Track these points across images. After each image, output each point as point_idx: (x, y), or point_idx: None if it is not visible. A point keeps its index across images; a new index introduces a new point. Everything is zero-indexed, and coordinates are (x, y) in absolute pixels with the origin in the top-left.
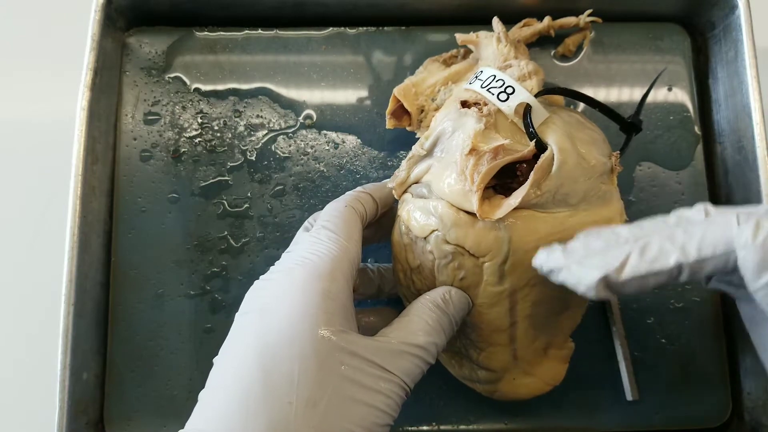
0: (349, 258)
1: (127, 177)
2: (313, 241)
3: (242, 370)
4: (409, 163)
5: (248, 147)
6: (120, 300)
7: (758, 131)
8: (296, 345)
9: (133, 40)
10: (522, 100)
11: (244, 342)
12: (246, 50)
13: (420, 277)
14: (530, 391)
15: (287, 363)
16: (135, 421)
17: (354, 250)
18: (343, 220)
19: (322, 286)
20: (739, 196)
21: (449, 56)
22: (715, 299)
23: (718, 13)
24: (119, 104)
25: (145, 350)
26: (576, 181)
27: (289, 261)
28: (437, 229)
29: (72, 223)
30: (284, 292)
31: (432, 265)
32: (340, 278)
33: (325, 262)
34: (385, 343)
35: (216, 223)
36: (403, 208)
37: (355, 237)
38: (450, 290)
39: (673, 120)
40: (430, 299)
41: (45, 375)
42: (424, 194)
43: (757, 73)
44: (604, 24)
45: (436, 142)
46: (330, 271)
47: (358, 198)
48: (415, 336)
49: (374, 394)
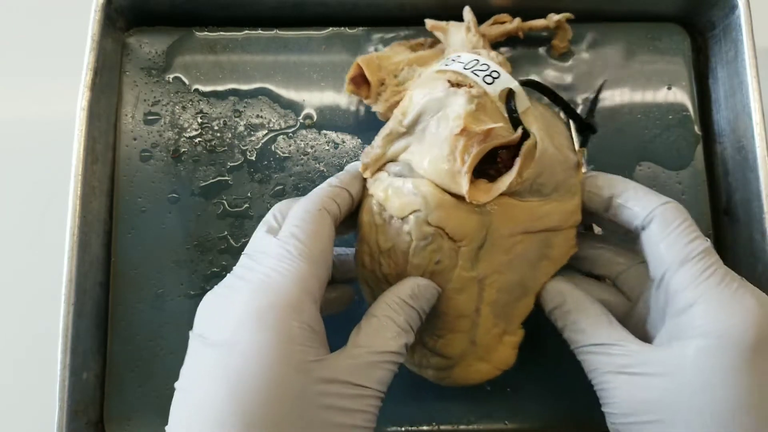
0: (318, 276)
1: (127, 177)
2: (281, 255)
3: (218, 412)
4: (386, 140)
5: (248, 147)
6: (120, 300)
7: (758, 131)
8: (273, 386)
9: (133, 40)
10: (507, 85)
11: (213, 378)
12: (246, 50)
13: (389, 260)
14: (482, 376)
15: (266, 406)
16: (135, 421)
17: (324, 266)
18: (315, 226)
19: (292, 317)
20: (739, 196)
21: (416, 43)
22: None
23: (718, 13)
24: (119, 104)
25: (145, 350)
26: (553, 172)
27: (255, 277)
28: (419, 210)
29: (72, 223)
30: (253, 323)
31: (406, 247)
32: (308, 302)
33: (294, 286)
34: (358, 357)
35: (216, 223)
36: (377, 186)
37: (326, 248)
38: (418, 283)
39: (673, 120)
40: (398, 295)
41: (45, 375)
42: (404, 173)
43: (757, 73)
44: (603, 24)
45: (417, 119)
46: (299, 297)
47: (334, 197)
48: (386, 342)
49: (354, 414)
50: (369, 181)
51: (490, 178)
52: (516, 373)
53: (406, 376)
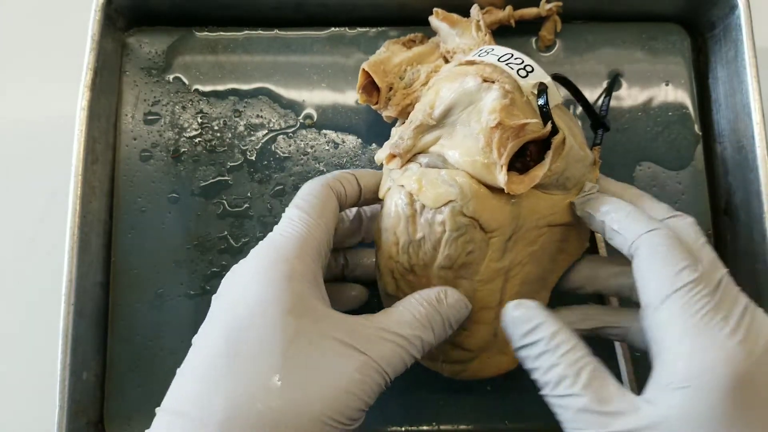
0: (316, 237)
1: (127, 177)
2: (285, 222)
3: (210, 350)
4: (416, 132)
5: (248, 147)
6: (120, 300)
7: (758, 131)
8: (261, 327)
9: (133, 40)
10: (540, 80)
11: (214, 325)
12: (246, 50)
13: (419, 251)
14: (499, 369)
15: (252, 345)
16: (135, 421)
17: (323, 228)
18: (318, 198)
19: (287, 267)
20: (739, 196)
21: (407, 40)
22: None
23: (718, 13)
24: (119, 104)
25: (145, 350)
26: (576, 167)
27: (262, 243)
28: (454, 200)
29: (72, 223)
30: (252, 275)
31: (439, 238)
32: (306, 258)
33: (291, 243)
34: (361, 325)
35: (216, 223)
36: (408, 177)
37: (327, 215)
38: (446, 290)
39: (673, 120)
40: (423, 296)
41: (45, 375)
42: (437, 164)
43: (757, 73)
44: (603, 24)
45: (447, 112)
46: (296, 251)
47: (339, 178)
48: (398, 325)
49: (346, 377)
50: (395, 172)
51: (518, 171)
52: (516, 373)
53: (405, 376)
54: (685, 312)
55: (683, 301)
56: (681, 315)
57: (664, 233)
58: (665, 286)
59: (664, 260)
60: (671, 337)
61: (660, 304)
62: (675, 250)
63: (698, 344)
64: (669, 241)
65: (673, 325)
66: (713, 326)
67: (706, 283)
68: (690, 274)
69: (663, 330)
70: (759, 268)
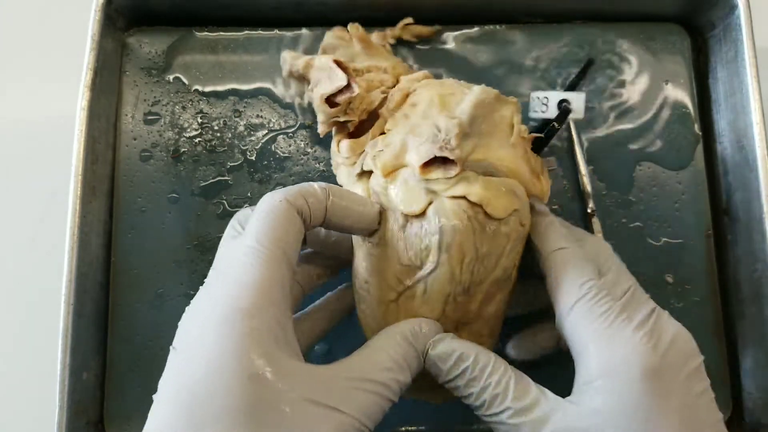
0: (277, 277)
1: (127, 177)
2: (236, 259)
3: (170, 418)
4: (459, 139)
5: (248, 147)
6: (120, 300)
7: (758, 131)
8: (221, 395)
9: (133, 40)
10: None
11: (173, 386)
12: (246, 50)
13: (480, 267)
14: None
15: (214, 414)
16: (135, 421)
17: (286, 262)
18: (277, 221)
19: (247, 322)
20: (739, 196)
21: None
22: (715, 299)
23: (718, 13)
24: (119, 104)
25: (145, 350)
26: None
27: (212, 287)
28: (518, 209)
29: (72, 223)
30: (209, 328)
31: (501, 251)
32: (269, 307)
33: (249, 292)
34: (334, 377)
35: (216, 223)
36: (469, 186)
37: (289, 241)
38: (421, 323)
39: (673, 120)
40: (398, 332)
41: (45, 375)
42: (492, 172)
43: (757, 73)
44: (603, 24)
45: (472, 120)
46: (256, 300)
47: (303, 192)
48: (375, 370)
49: None
50: (436, 183)
51: None
52: None
53: None
54: (590, 315)
55: (587, 307)
56: (587, 319)
57: (570, 251)
58: (572, 296)
59: (570, 274)
60: (582, 340)
61: (568, 313)
62: (579, 265)
63: (606, 343)
64: (574, 259)
65: (582, 328)
66: (618, 326)
67: (608, 290)
68: (592, 284)
69: (575, 335)
70: (759, 268)
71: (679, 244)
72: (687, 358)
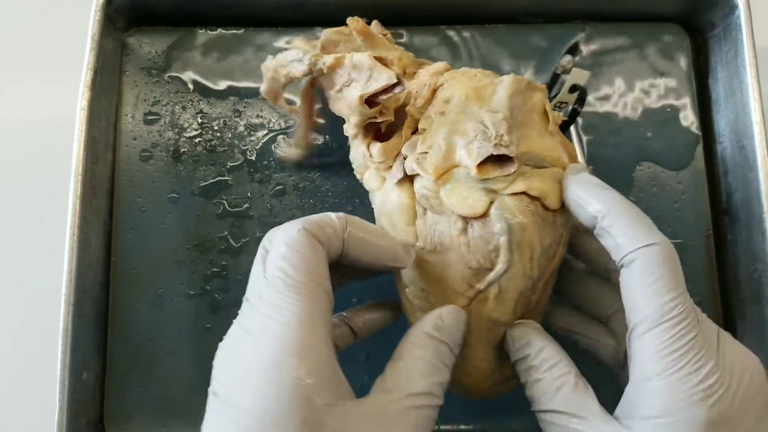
0: (320, 311)
1: (127, 177)
2: (272, 297)
3: None
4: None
5: (248, 147)
6: (120, 300)
7: (758, 131)
8: None
9: (133, 40)
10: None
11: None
12: (246, 50)
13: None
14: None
15: None
16: (135, 421)
17: (323, 296)
18: (301, 251)
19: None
20: (739, 196)
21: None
22: (715, 299)
23: (718, 13)
24: (119, 104)
25: (145, 350)
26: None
27: (255, 327)
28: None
29: (72, 223)
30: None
31: (558, 240)
32: (314, 345)
33: (294, 332)
34: (382, 406)
35: (216, 223)
36: (530, 180)
37: (322, 276)
38: (440, 315)
39: (673, 120)
40: (422, 332)
41: (45, 375)
42: (540, 162)
43: (757, 73)
44: (603, 24)
45: (511, 110)
46: (300, 341)
47: (319, 222)
48: (415, 382)
49: None
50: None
51: None
52: None
53: None
54: (670, 347)
55: (670, 335)
56: (665, 348)
57: (665, 251)
58: (659, 312)
59: (663, 282)
60: (651, 368)
61: (649, 328)
62: (674, 270)
63: (677, 381)
64: (670, 260)
65: (660, 357)
66: (693, 364)
67: (692, 316)
68: (682, 302)
69: (647, 358)
70: (759, 268)
71: (679, 244)
72: (755, 396)
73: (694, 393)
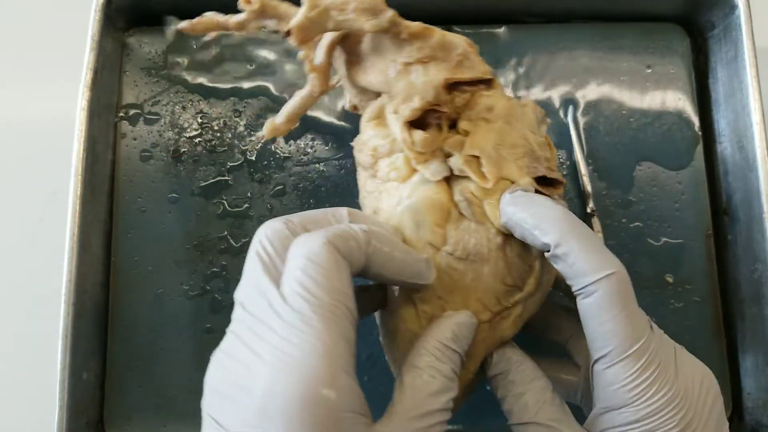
0: (347, 337)
1: (127, 177)
2: (294, 319)
3: None
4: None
5: (248, 147)
6: (120, 300)
7: (758, 131)
8: None
9: (133, 40)
10: None
11: None
12: (246, 50)
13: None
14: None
15: None
16: (135, 421)
17: (350, 319)
18: (324, 267)
19: (326, 400)
20: (739, 196)
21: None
22: (715, 299)
23: (718, 13)
24: (119, 104)
25: (145, 350)
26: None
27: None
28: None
29: (72, 223)
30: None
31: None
32: (341, 375)
33: (321, 362)
34: (405, 423)
35: (216, 223)
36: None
37: (347, 295)
38: (457, 321)
39: (673, 120)
40: (439, 339)
41: (45, 375)
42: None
43: (757, 73)
44: (603, 24)
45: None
46: (329, 373)
47: (343, 235)
48: (432, 397)
49: None
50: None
51: None
52: None
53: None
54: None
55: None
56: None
57: (623, 278)
58: (620, 347)
59: (628, 312)
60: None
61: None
62: (631, 300)
63: (646, 408)
64: (627, 289)
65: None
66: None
67: (654, 342)
68: (643, 335)
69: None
70: (759, 268)
71: (679, 244)
72: (714, 401)
73: (663, 417)
